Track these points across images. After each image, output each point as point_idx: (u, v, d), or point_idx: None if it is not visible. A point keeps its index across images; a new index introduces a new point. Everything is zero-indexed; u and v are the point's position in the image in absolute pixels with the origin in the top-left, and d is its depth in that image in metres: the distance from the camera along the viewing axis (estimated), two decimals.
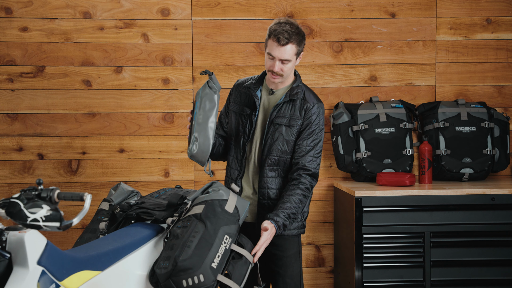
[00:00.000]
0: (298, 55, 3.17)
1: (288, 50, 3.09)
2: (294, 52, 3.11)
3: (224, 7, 4.46)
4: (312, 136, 3.19)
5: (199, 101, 3.12)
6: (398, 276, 4.01)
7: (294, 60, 3.16)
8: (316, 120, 3.20)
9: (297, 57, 3.17)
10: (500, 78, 4.59)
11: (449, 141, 4.37)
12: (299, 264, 3.29)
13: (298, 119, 3.19)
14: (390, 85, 4.55)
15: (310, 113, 3.19)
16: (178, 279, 2.63)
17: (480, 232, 4.02)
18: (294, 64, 3.18)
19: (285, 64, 3.12)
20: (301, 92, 3.22)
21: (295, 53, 3.12)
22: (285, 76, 3.16)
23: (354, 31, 4.52)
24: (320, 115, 3.22)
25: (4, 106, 4.37)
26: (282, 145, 3.20)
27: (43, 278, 2.16)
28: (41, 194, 2.14)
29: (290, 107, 3.20)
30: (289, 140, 3.20)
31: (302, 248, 3.38)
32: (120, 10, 4.41)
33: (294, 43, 3.10)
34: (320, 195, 4.52)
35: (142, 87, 4.43)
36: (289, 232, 3.25)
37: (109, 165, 4.43)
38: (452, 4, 4.55)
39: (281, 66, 3.12)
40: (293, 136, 3.20)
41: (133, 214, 3.00)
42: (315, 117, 3.20)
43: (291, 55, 3.11)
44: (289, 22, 3.14)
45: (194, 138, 3.08)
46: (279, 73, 3.13)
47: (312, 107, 3.19)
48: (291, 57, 3.11)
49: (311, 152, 3.18)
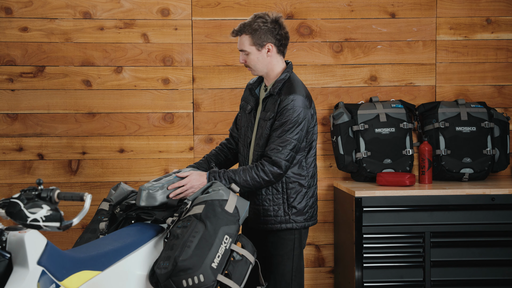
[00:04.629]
0: (259, 46, 3.18)
1: (241, 41, 3.20)
2: (249, 42, 3.18)
3: (224, 7, 4.46)
4: (282, 127, 3.13)
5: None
6: (398, 276, 4.01)
7: (255, 51, 3.19)
8: (288, 112, 3.13)
9: (258, 49, 3.18)
10: (500, 78, 4.59)
11: (449, 141, 4.37)
12: (291, 262, 3.24)
13: (274, 112, 3.18)
14: (390, 85, 4.55)
15: (282, 105, 3.15)
16: (178, 279, 2.63)
17: (480, 232, 4.02)
18: (260, 56, 3.19)
19: (248, 56, 3.20)
20: (280, 85, 3.20)
21: (250, 43, 3.18)
22: (257, 69, 3.23)
23: (354, 31, 4.52)
24: (296, 107, 3.13)
25: (4, 106, 4.37)
26: (264, 138, 3.21)
27: (43, 278, 2.16)
28: (41, 194, 2.14)
29: (273, 102, 3.20)
30: (265, 134, 3.21)
31: (303, 245, 3.32)
32: (120, 10, 4.41)
33: (247, 34, 3.17)
34: (320, 195, 4.52)
35: (142, 87, 4.43)
36: (290, 224, 3.23)
37: (109, 165, 4.43)
38: (452, 4, 4.55)
39: (244, 57, 3.23)
40: (268, 130, 3.19)
41: (133, 214, 3.00)
42: (288, 109, 3.13)
43: (246, 45, 3.19)
44: (255, 15, 3.22)
45: (161, 185, 3.04)
46: (244, 64, 3.24)
47: (285, 99, 3.15)
48: (247, 48, 3.19)
49: (276, 141, 3.12)
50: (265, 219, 3.24)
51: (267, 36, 3.18)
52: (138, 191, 2.99)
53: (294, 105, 3.14)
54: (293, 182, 3.23)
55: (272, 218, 3.23)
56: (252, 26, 3.17)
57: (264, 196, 3.24)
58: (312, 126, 3.26)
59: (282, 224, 3.23)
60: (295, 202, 3.24)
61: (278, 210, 3.23)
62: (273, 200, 3.23)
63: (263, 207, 3.24)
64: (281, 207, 3.23)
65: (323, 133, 4.53)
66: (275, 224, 3.23)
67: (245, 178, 3.11)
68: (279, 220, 3.23)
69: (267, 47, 3.19)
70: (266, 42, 3.18)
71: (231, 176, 3.11)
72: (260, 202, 3.24)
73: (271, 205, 3.23)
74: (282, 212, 3.23)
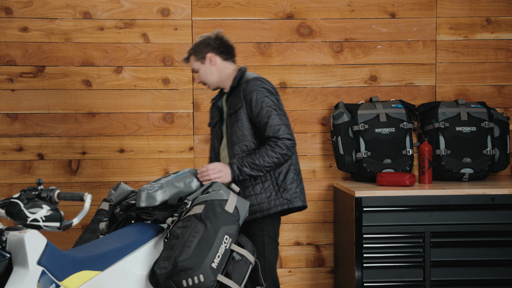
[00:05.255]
0: (202, 59, 3.43)
1: (190, 63, 3.49)
2: (194, 60, 3.45)
3: (224, 7, 4.46)
4: (262, 110, 3.31)
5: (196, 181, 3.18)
6: (398, 276, 4.01)
7: (201, 65, 3.44)
8: (255, 94, 3.31)
9: (202, 62, 3.43)
10: (500, 78, 4.59)
11: (449, 141, 4.37)
12: (263, 245, 3.36)
13: (239, 102, 3.36)
14: (390, 85, 4.55)
15: (247, 91, 3.35)
16: (178, 279, 2.63)
17: (480, 232, 4.02)
18: (206, 68, 3.44)
19: (198, 72, 3.47)
20: (238, 78, 3.42)
21: (195, 60, 3.45)
22: (209, 81, 3.46)
23: (354, 31, 4.52)
24: (260, 88, 3.33)
25: (4, 106, 4.37)
26: (232, 134, 3.37)
27: (43, 278, 2.16)
28: (41, 194, 2.14)
29: (237, 93, 3.39)
30: (238, 125, 3.36)
31: (278, 233, 3.47)
32: (120, 10, 4.41)
33: (191, 55, 3.46)
34: (320, 195, 4.52)
35: (142, 87, 4.43)
36: (267, 210, 3.35)
37: (109, 165, 4.43)
38: (452, 4, 4.55)
39: (197, 76, 3.49)
40: (242, 117, 3.35)
41: (133, 214, 3.00)
42: (253, 92, 3.32)
43: (193, 64, 3.47)
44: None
45: (160, 185, 3.06)
46: (202, 83, 3.49)
47: (247, 86, 3.35)
48: (195, 65, 3.46)
49: (269, 121, 3.30)
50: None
51: (205, 48, 3.43)
52: (137, 192, 3.00)
53: (259, 84, 3.35)
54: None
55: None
56: (193, 47, 3.47)
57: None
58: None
59: (275, 207, 3.40)
60: (288, 184, 3.41)
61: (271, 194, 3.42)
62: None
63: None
64: (271, 190, 3.41)
65: (323, 133, 4.53)
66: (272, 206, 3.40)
67: (265, 159, 3.26)
68: (273, 202, 3.40)
69: (208, 57, 3.42)
70: (205, 53, 3.42)
71: (251, 161, 3.26)
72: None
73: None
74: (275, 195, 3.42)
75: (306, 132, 4.52)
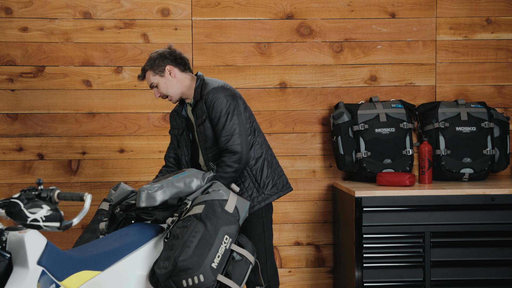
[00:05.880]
0: (161, 72, 3.44)
1: (147, 79, 3.47)
2: (152, 74, 3.45)
3: (224, 7, 4.46)
4: (219, 120, 3.36)
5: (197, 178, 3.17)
6: (398, 276, 4.01)
7: (160, 78, 3.45)
8: (215, 105, 3.36)
9: (161, 75, 3.44)
10: (500, 78, 4.59)
11: (449, 141, 4.37)
12: (264, 243, 3.45)
13: (203, 113, 3.40)
14: (390, 85, 4.55)
15: (208, 103, 3.39)
16: (178, 279, 2.63)
17: (480, 232, 4.02)
18: (167, 81, 3.46)
19: (158, 86, 3.46)
20: (199, 90, 3.44)
21: (154, 74, 3.45)
22: (171, 93, 3.47)
23: (354, 31, 4.52)
24: (219, 97, 3.37)
25: (4, 106, 4.37)
26: (205, 142, 3.43)
27: (43, 278, 2.16)
28: (41, 194, 2.14)
29: (200, 105, 3.43)
30: (207, 135, 3.41)
31: (272, 227, 3.55)
32: (120, 10, 4.41)
33: (148, 70, 3.45)
34: (320, 195, 4.52)
35: (142, 87, 4.43)
36: (252, 208, 3.43)
37: (109, 165, 4.43)
38: (452, 4, 4.55)
39: (157, 91, 3.48)
40: (208, 127, 3.41)
41: (133, 214, 3.00)
42: (214, 102, 3.37)
43: (152, 78, 3.46)
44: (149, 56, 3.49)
45: (161, 185, 3.06)
46: (162, 97, 3.49)
47: (207, 97, 3.40)
48: (154, 80, 3.45)
49: (223, 134, 3.36)
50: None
51: (163, 61, 3.45)
52: (137, 192, 3.00)
53: (216, 96, 3.37)
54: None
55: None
56: (149, 62, 3.45)
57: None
58: (244, 108, 3.47)
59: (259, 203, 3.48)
60: (265, 178, 3.49)
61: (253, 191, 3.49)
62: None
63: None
64: (253, 189, 3.47)
65: (323, 133, 4.53)
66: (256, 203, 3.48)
67: (225, 179, 3.30)
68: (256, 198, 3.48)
69: (167, 69, 3.44)
70: (164, 66, 3.44)
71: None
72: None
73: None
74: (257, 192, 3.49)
75: (306, 132, 4.52)
